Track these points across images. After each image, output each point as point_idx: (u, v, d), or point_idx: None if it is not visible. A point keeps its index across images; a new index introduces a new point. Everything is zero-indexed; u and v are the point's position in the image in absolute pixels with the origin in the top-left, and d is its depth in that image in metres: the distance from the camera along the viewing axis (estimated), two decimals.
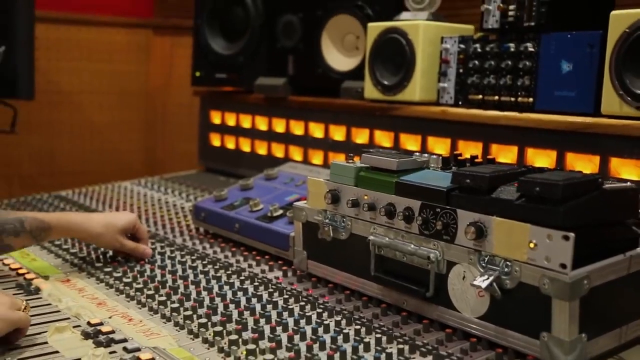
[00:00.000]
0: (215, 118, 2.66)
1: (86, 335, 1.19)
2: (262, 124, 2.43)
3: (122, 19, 3.11)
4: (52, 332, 1.20)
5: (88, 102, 3.06)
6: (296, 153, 2.29)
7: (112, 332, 1.21)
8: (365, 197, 1.29)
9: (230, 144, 2.58)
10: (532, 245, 1.02)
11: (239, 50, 2.46)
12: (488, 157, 1.34)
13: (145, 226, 1.63)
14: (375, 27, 1.95)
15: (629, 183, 1.15)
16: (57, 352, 1.14)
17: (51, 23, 2.47)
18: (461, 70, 1.79)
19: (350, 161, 1.39)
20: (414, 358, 1.09)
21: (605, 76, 1.49)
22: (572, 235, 0.98)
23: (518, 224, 1.04)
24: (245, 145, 2.51)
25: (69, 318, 1.28)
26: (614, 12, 1.48)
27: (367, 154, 1.33)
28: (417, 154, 1.40)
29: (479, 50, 1.73)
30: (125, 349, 1.14)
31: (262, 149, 2.44)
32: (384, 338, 1.15)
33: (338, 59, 2.19)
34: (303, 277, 1.47)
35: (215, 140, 2.66)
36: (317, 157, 2.21)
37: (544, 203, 1.02)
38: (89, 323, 1.25)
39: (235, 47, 2.48)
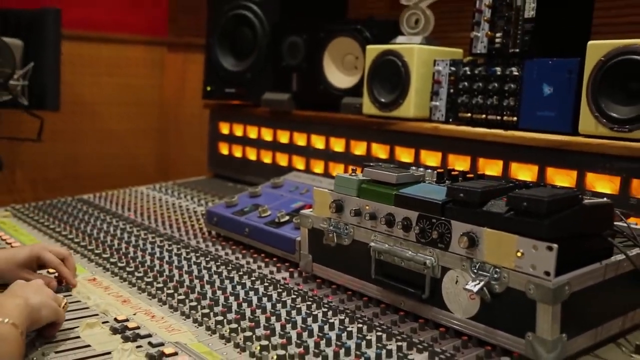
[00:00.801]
0: (224, 129, 2.67)
1: (114, 331, 1.20)
2: (267, 135, 2.45)
3: (139, 37, 3.13)
4: (83, 328, 1.21)
5: (107, 112, 3.07)
6: (299, 162, 2.30)
7: (138, 327, 1.22)
8: (367, 207, 1.31)
9: (237, 152, 2.60)
10: (519, 254, 1.05)
11: (247, 67, 2.48)
12: (478, 172, 1.36)
13: (52, 255, 1.45)
14: (374, 49, 1.98)
15: (605, 199, 1.18)
16: (88, 345, 1.15)
17: (76, 40, 2.48)
18: (452, 90, 1.81)
19: (353, 174, 1.41)
20: (411, 354, 1.10)
21: (582, 99, 1.52)
22: (555, 246, 1.00)
23: (507, 235, 1.06)
24: (252, 154, 2.53)
25: (97, 314, 1.29)
26: (590, 42, 1.51)
27: (369, 167, 1.36)
28: (414, 168, 1.42)
29: (468, 72, 1.76)
30: (150, 343, 1.15)
31: (267, 158, 2.45)
32: (384, 336, 1.17)
33: (338, 77, 2.22)
34: (308, 278, 1.49)
35: (224, 149, 2.67)
36: (318, 167, 2.23)
37: (530, 217, 1.05)
38: (115, 319, 1.26)
39: (244, 65, 2.49)
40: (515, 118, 1.66)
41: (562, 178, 1.57)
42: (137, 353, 1.12)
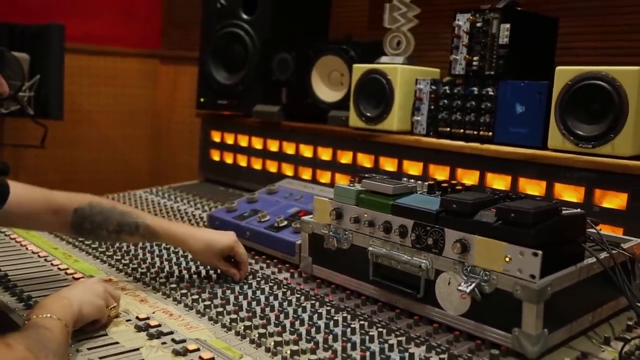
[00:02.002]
0: (215, 137, 2.68)
1: (138, 328, 1.21)
2: (257, 143, 2.47)
3: (134, 50, 3.12)
4: (110, 326, 1.22)
5: (104, 120, 3.06)
6: (288, 169, 2.33)
7: (159, 325, 1.23)
8: (365, 215, 1.35)
9: (228, 159, 2.61)
10: (507, 259, 1.10)
11: (238, 80, 2.49)
12: (466, 185, 1.42)
13: (244, 249, 1.52)
14: (360, 68, 2.02)
15: (579, 210, 1.24)
16: (117, 342, 1.16)
17: (75, 53, 2.48)
18: (432, 107, 1.86)
19: (351, 184, 1.45)
20: (410, 348, 1.15)
21: (551, 118, 1.58)
22: (540, 252, 1.06)
23: (496, 242, 1.12)
24: (242, 161, 2.54)
25: (120, 313, 1.29)
26: (558, 68, 1.58)
27: (366, 179, 1.40)
28: (405, 179, 1.47)
29: (448, 91, 1.81)
30: (173, 340, 1.17)
31: (257, 165, 2.47)
32: (384, 331, 1.21)
33: (325, 92, 2.25)
34: (308, 279, 1.52)
35: (215, 156, 2.68)
36: (306, 174, 2.25)
37: (517, 226, 1.10)
38: (137, 317, 1.27)
39: (235, 78, 2.50)
40: (490, 133, 1.72)
41: (532, 187, 1.63)
42: (164, 349, 1.14)
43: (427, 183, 1.41)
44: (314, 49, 2.24)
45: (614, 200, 1.49)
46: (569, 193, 1.57)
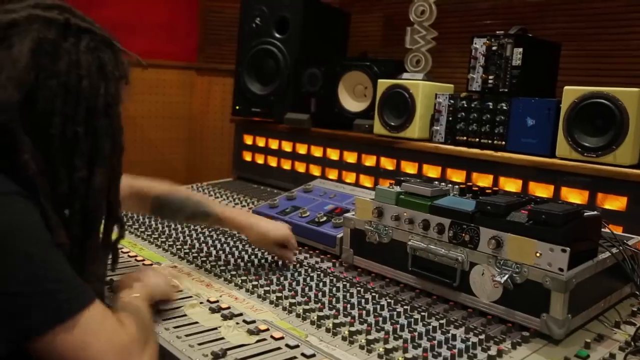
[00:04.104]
0: (248, 140, 2.68)
1: (212, 310, 1.23)
2: (287, 147, 2.47)
3: (174, 62, 3.14)
4: (187, 307, 1.24)
5: (147, 124, 3.07)
6: (315, 170, 2.34)
7: (228, 307, 1.24)
8: (405, 214, 1.38)
9: (259, 160, 2.62)
10: (538, 254, 1.13)
11: (270, 91, 2.51)
12: (494, 188, 1.44)
13: (295, 240, 1.56)
14: (384, 83, 2.04)
15: (595, 212, 1.27)
16: (197, 322, 1.17)
17: None
18: (450, 118, 1.89)
19: (391, 186, 1.47)
20: (450, 329, 1.18)
21: (559, 131, 1.61)
22: (568, 249, 1.09)
23: (528, 240, 1.15)
24: (273, 162, 2.54)
25: (191, 296, 1.30)
26: (566, 87, 1.61)
27: (406, 182, 1.42)
28: (436, 182, 1.49)
29: (465, 105, 1.84)
30: (244, 321, 1.18)
31: (286, 165, 2.47)
32: (425, 315, 1.23)
33: (350, 102, 2.27)
34: (348, 268, 1.53)
35: (247, 157, 2.68)
36: (332, 174, 2.27)
37: (547, 226, 1.13)
38: (208, 300, 1.28)
39: (268, 89, 2.52)
40: (503, 142, 1.74)
41: (541, 191, 1.66)
42: (239, 329, 1.16)
43: (459, 186, 1.44)
44: (341, 65, 2.26)
45: (615, 203, 1.52)
46: (574, 196, 1.60)
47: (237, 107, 2.63)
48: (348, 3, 2.81)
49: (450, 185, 1.47)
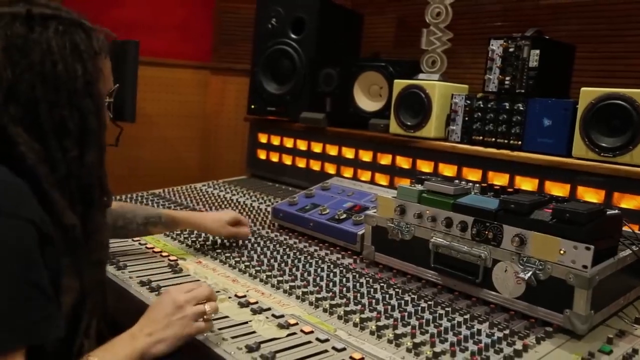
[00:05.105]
0: (262, 138, 2.68)
1: (241, 305, 1.23)
2: (302, 145, 2.48)
3: (189, 62, 3.15)
4: (217, 302, 1.24)
5: (163, 122, 3.08)
6: (330, 168, 2.35)
7: (256, 302, 1.24)
8: (428, 212, 1.39)
9: (274, 158, 2.62)
10: (562, 252, 1.14)
11: (286, 91, 2.51)
12: (515, 187, 1.45)
13: (245, 219, 1.67)
14: (401, 83, 2.05)
15: (617, 211, 1.28)
16: (227, 316, 1.18)
17: (142, 65, 2.50)
18: (466, 118, 1.89)
19: (413, 185, 1.48)
20: (475, 324, 1.19)
21: (575, 131, 1.61)
22: (592, 246, 1.10)
23: (552, 238, 1.15)
24: (287, 160, 2.55)
25: (218, 291, 1.30)
26: (583, 89, 1.61)
27: (429, 181, 1.43)
28: (457, 181, 1.50)
29: (482, 106, 1.84)
30: (273, 315, 1.19)
31: (301, 163, 2.47)
32: (449, 310, 1.24)
33: (365, 102, 2.28)
34: (369, 264, 1.54)
35: (262, 155, 2.68)
36: (347, 172, 2.28)
37: (572, 224, 1.14)
38: (236, 295, 1.28)
39: (284, 89, 2.52)
40: (520, 142, 1.75)
41: (557, 190, 1.67)
42: (269, 323, 1.16)
43: (480, 185, 1.44)
44: (357, 65, 2.27)
45: (631, 202, 1.53)
46: (590, 195, 1.60)
47: (253, 106, 2.64)
48: (361, 4, 2.82)
49: (470, 184, 1.47)
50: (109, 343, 0.99)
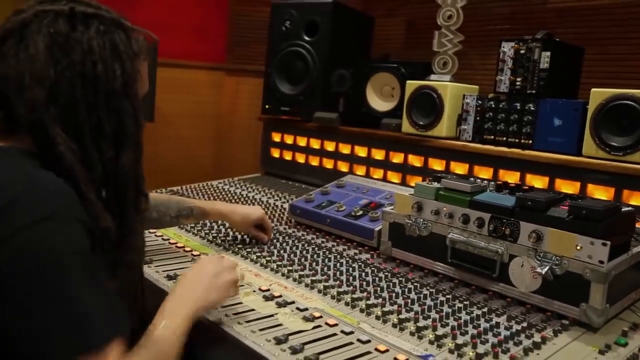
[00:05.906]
0: (276, 137, 2.69)
1: (266, 298, 1.24)
2: (315, 144, 2.49)
3: (204, 63, 3.16)
4: (243, 296, 1.24)
5: (178, 121, 3.09)
6: (343, 166, 2.36)
7: (280, 296, 1.25)
8: (445, 209, 1.40)
9: (287, 156, 2.62)
10: (578, 248, 1.15)
11: (299, 91, 2.51)
12: (529, 185, 1.46)
13: (270, 222, 1.68)
14: (413, 84, 2.06)
15: (631, 207, 1.28)
16: (253, 309, 1.19)
17: (159, 66, 2.51)
18: (478, 118, 1.90)
19: (430, 182, 1.49)
20: (493, 317, 1.19)
21: (586, 131, 1.62)
22: (609, 242, 1.11)
23: (568, 234, 1.16)
24: (300, 158, 2.55)
25: (243, 285, 1.31)
26: (594, 89, 1.62)
27: (445, 179, 1.43)
28: (472, 179, 1.51)
29: (493, 106, 1.85)
30: (298, 308, 1.19)
31: (314, 162, 2.48)
32: (467, 303, 1.25)
33: (378, 102, 2.29)
34: (386, 260, 1.54)
35: (275, 153, 2.69)
36: (360, 170, 2.29)
37: (588, 220, 1.15)
38: (260, 289, 1.29)
39: (297, 89, 2.53)
40: (530, 141, 1.75)
41: (567, 187, 1.67)
42: (294, 316, 1.17)
43: (495, 183, 1.45)
44: (370, 67, 2.28)
45: None
46: (599, 193, 1.61)
47: (267, 106, 2.64)
48: (372, 7, 2.82)
49: (485, 181, 1.48)
50: (161, 308, 1.00)
